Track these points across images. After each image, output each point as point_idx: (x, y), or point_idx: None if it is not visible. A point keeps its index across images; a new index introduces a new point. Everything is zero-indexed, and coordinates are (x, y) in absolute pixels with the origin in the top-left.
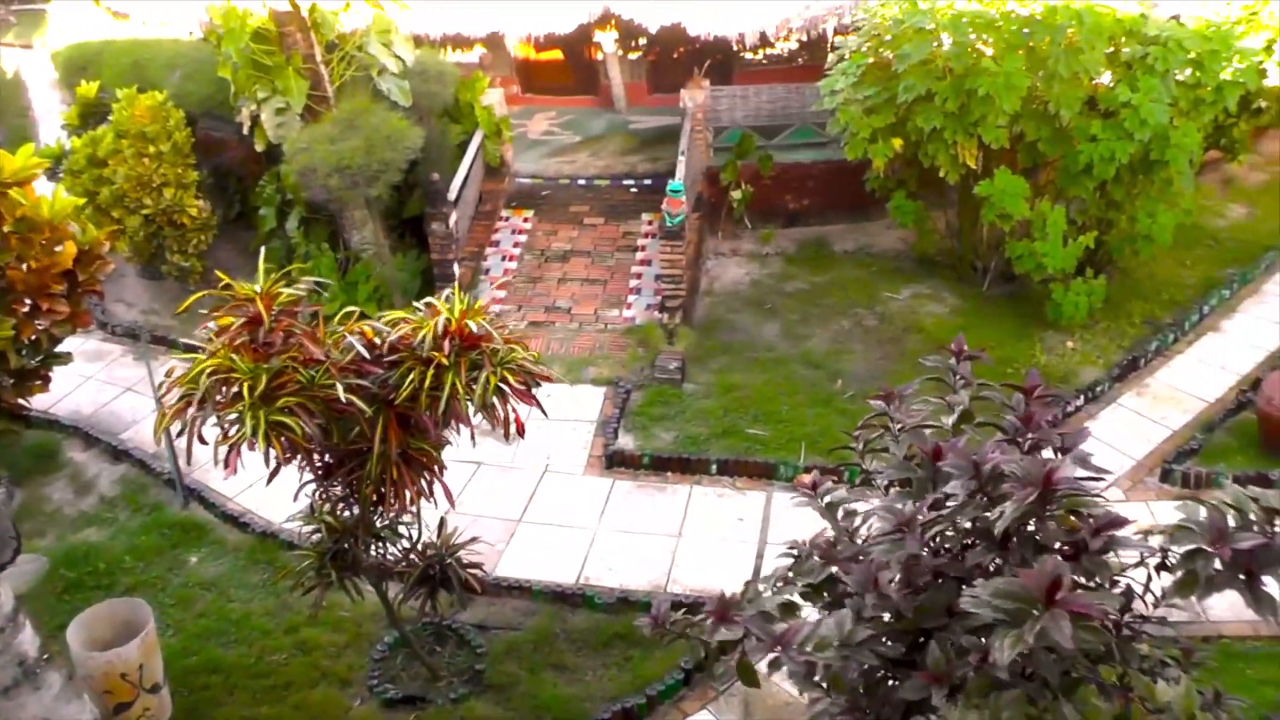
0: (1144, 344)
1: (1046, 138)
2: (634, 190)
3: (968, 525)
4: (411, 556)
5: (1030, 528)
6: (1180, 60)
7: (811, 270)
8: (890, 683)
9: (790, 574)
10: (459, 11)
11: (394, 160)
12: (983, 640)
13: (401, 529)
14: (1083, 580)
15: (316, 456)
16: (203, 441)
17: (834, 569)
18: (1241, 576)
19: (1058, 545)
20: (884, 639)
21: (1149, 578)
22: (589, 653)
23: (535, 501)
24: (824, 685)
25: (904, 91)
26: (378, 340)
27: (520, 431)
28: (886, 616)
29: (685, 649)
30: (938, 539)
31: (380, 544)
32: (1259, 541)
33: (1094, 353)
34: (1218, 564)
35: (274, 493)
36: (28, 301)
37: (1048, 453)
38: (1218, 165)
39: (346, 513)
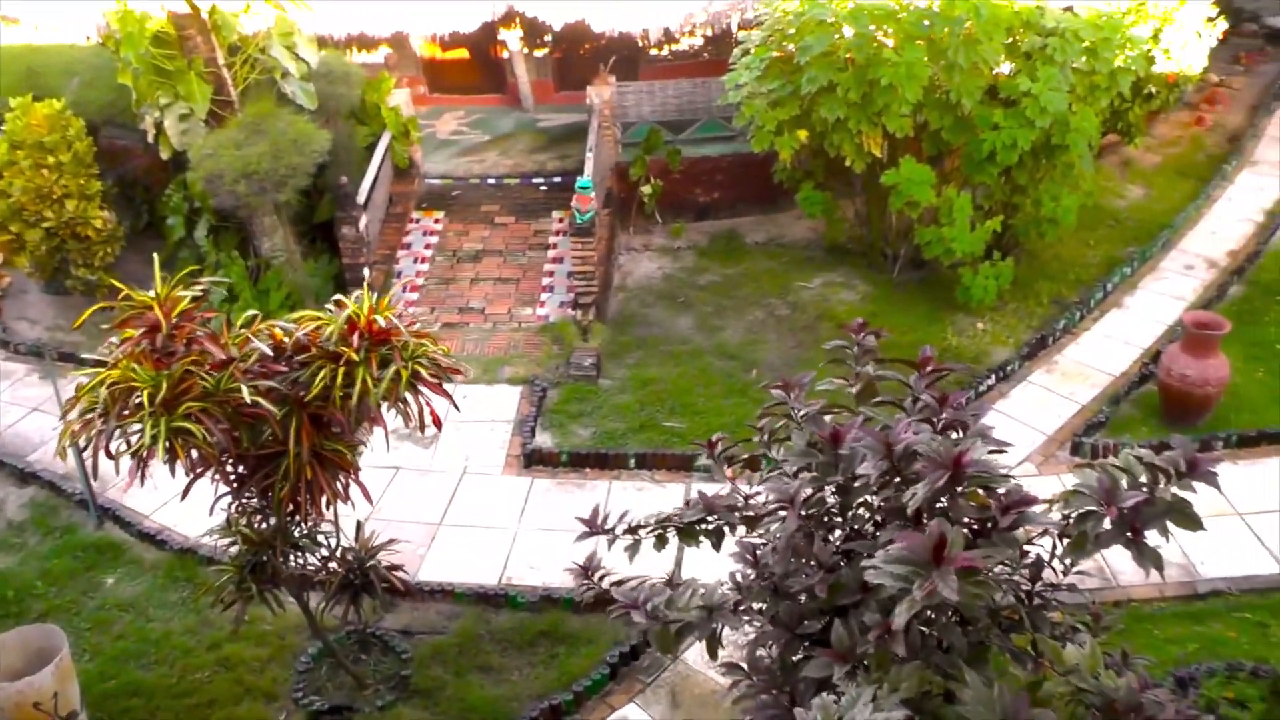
0: (1052, 323)
1: (950, 126)
2: (544, 188)
3: (880, 504)
4: (331, 564)
5: (944, 503)
6: (1076, 50)
7: (723, 262)
8: (807, 661)
9: (671, 516)
10: (362, 11)
11: (302, 164)
12: (885, 616)
13: (320, 537)
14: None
15: (230, 466)
16: (110, 456)
17: (715, 516)
18: (1127, 533)
19: (968, 521)
20: (801, 619)
21: (1054, 546)
22: (514, 652)
23: (455, 503)
24: (743, 667)
25: (807, 83)
26: (285, 340)
27: (436, 424)
28: (804, 597)
29: (610, 642)
30: (849, 516)
31: (299, 553)
32: (1141, 498)
33: (1004, 333)
34: (1106, 523)
35: (191, 508)
36: None
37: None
38: (1116, 148)
39: (264, 524)
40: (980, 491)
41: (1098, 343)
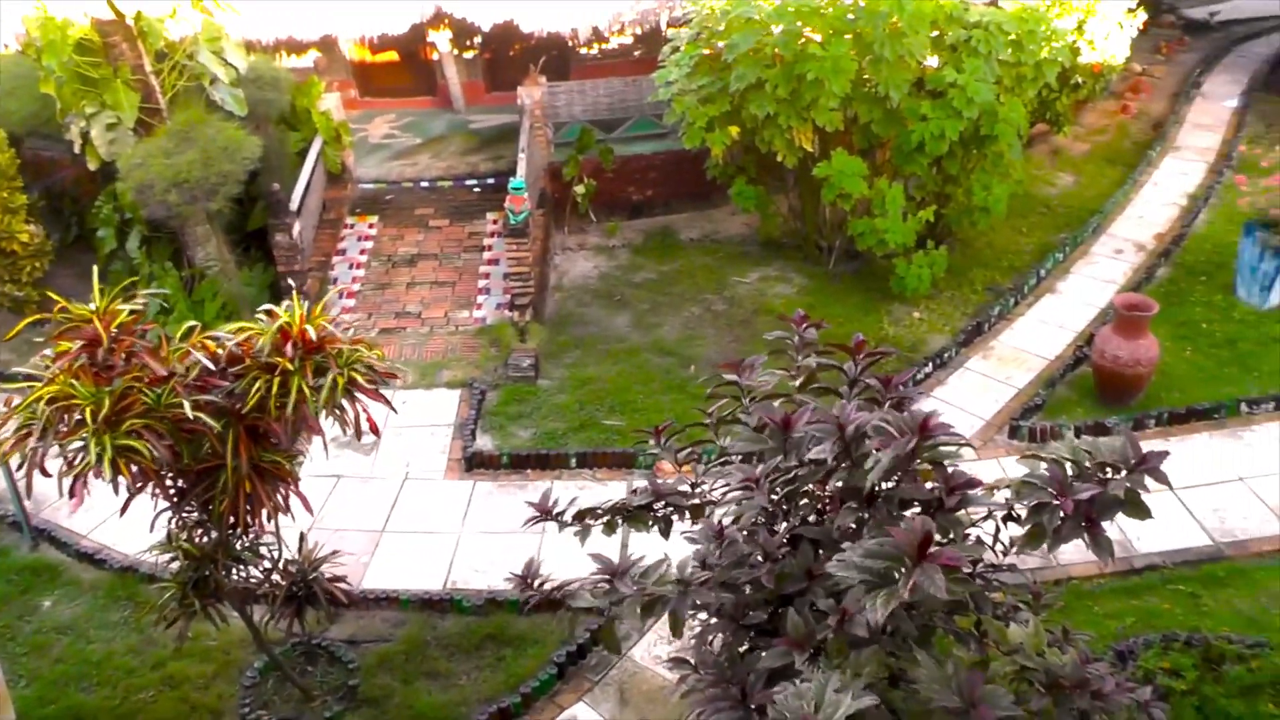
0: (987, 309)
1: (879, 119)
2: (477, 190)
3: (823, 489)
4: (274, 577)
5: (893, 485)
6: (1001, 42)
7: (659, 260)
8: (754, 653)
9: (619, 503)
10: (290, 15)
11: (233, 172)
12: (838, 603)
13: (263, 549)
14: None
15: (169, 480)
16: (45, 474)
17: (664, 503)
18: (1084, 524)
19: (916, 503)
20: (746, 609)
21: (997, 529)
22: (461, 657)
23: (397, 510)
24: (690, 661)
25: (736, 80)
26: (219, 351)
27: (374, 431)
28: (749, 589)
29: (557, 642)
30: (795, 505)
31: (242, 567)
32: (1096, 491)
33: (940, 321)
34: (1062, 515)
35: (129, 525)
36: None
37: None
38: (1045, 138)
39: (205, 538)
40: (930, 468)
41: (1032, 327)
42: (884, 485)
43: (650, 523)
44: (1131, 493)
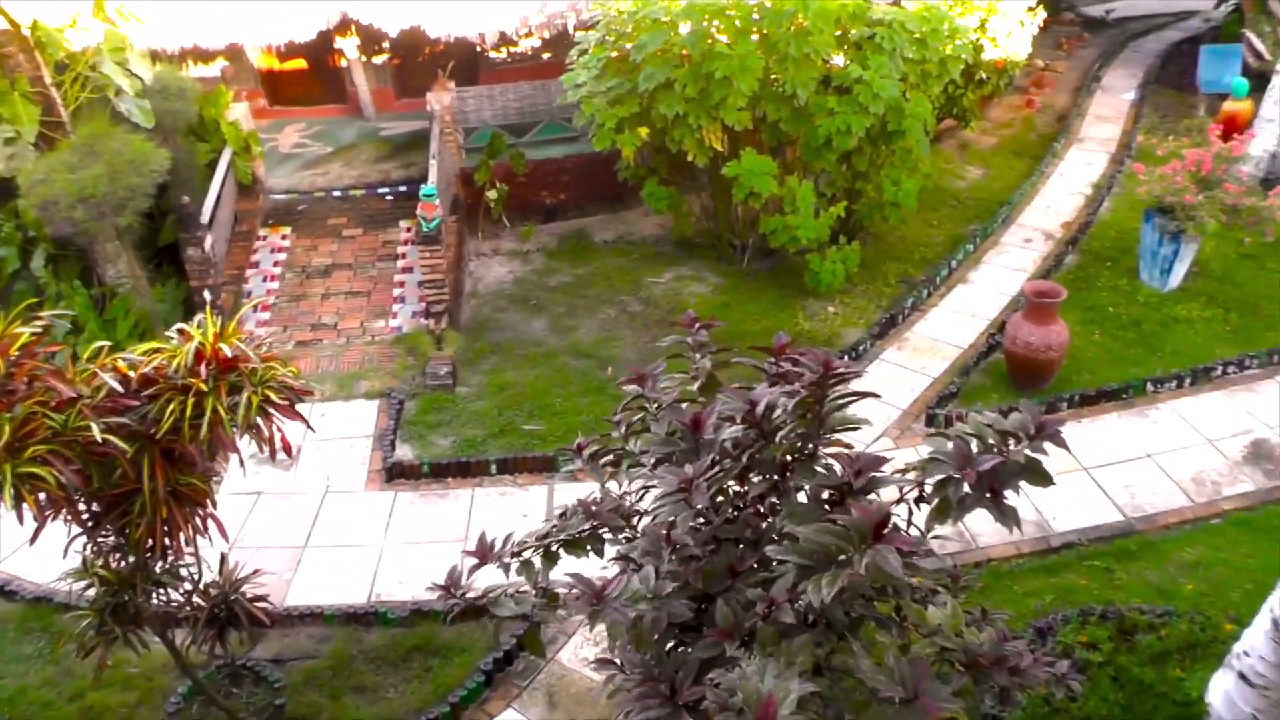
0: (901, 301)
1: (787, 117)
2: (390, 198)
3: (742, 484)
4: (195, 599)
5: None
6: (904, 39)
7: (574, 263)
8: (680, 649)
9: (553, 530)
10: (196, 23)
11: (141, 185)
12: (766, 592)
13: (183, 571)
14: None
15: (82, 506)
16: None
17: (596, 523)
18: (987, 495)
19: (825, 494)
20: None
21: (910, 512)
22: (389, 669)
23: (319, 525)
24: (616, 661)
25: (644, 81)
26: (130, 374)
27: (287, 450)
28: (672, 586)
29: (484, 649)
30: (714, 505)
31: (161, 590)
32: (997, 460)
33: (855, 315)
34: (966, 487)
35: (41, 553)
36: None
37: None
38: (953, 132)
39: (122, 563)
40: (839, 453)
41: (946, 317)
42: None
43: (586, 547)
44: (1032, 460)
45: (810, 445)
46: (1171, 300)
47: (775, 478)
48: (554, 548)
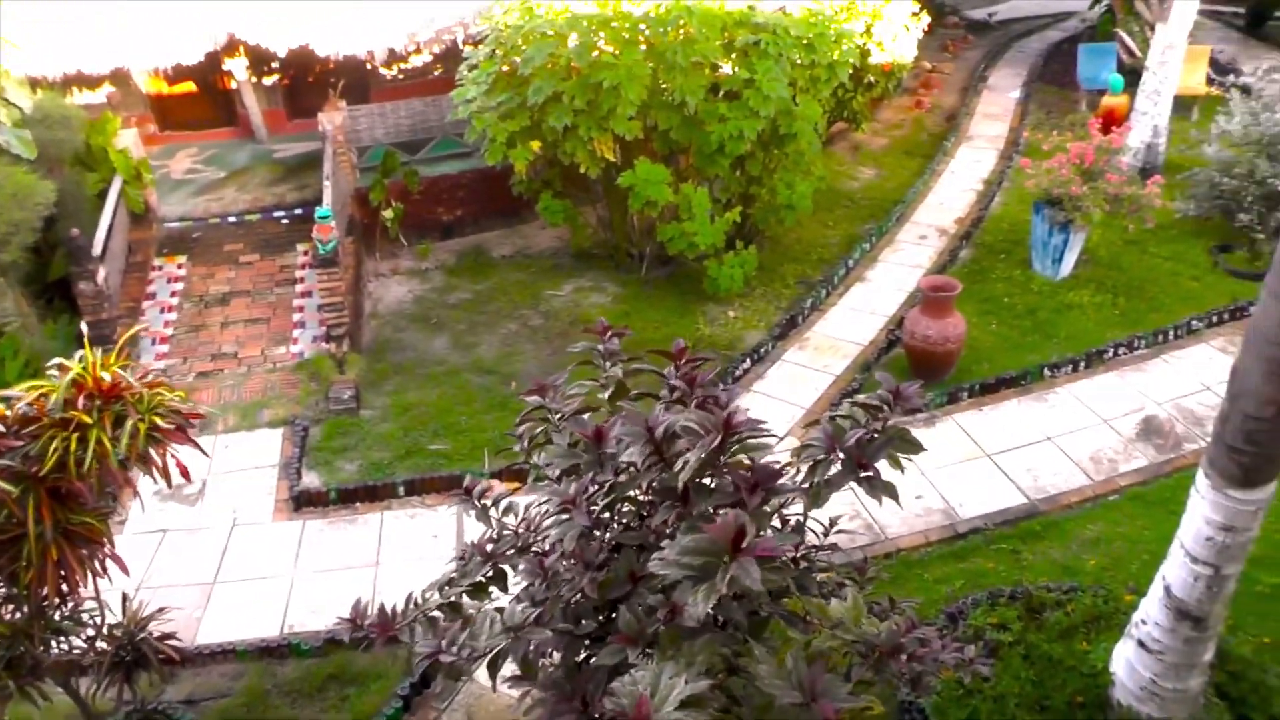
0: (800, 302)
1: (677, 125)
2: (285, 221)
3: (645, 492)
4: (99, 644)
5: (706, 480)
6: (791, 44)
7: (473, 279)
8: (591, 660)
9: (455, 576)
10: (77, 48)
11: (25, 220)
12: (667, 597)
13: (84, 616)
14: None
15: None
16: None
17: (494, 563)
18: (856, 470)
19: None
20: (577, 619)
21: (806, 511)
22: (305, 701)
23: (228, 558)
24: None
25: (534, 94)
26: (7, 414)
27: (184, 475)
28: (576, 597)
29: (400, 674)
30: (615, 512)
31: (62, 637)
32: (861, 434)
33: (755, 317)
34: (836, 466)
35: None
36: None
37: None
38: (845, 135)
39: (17, 613)
40: (744, 460)
41: (845, 316)
42: (699, 480)
43: (489, 587)
44: (899, 430)
45: (710, 474)
46: (1063, 288)
47: (678, 505)
48: (456, 597)
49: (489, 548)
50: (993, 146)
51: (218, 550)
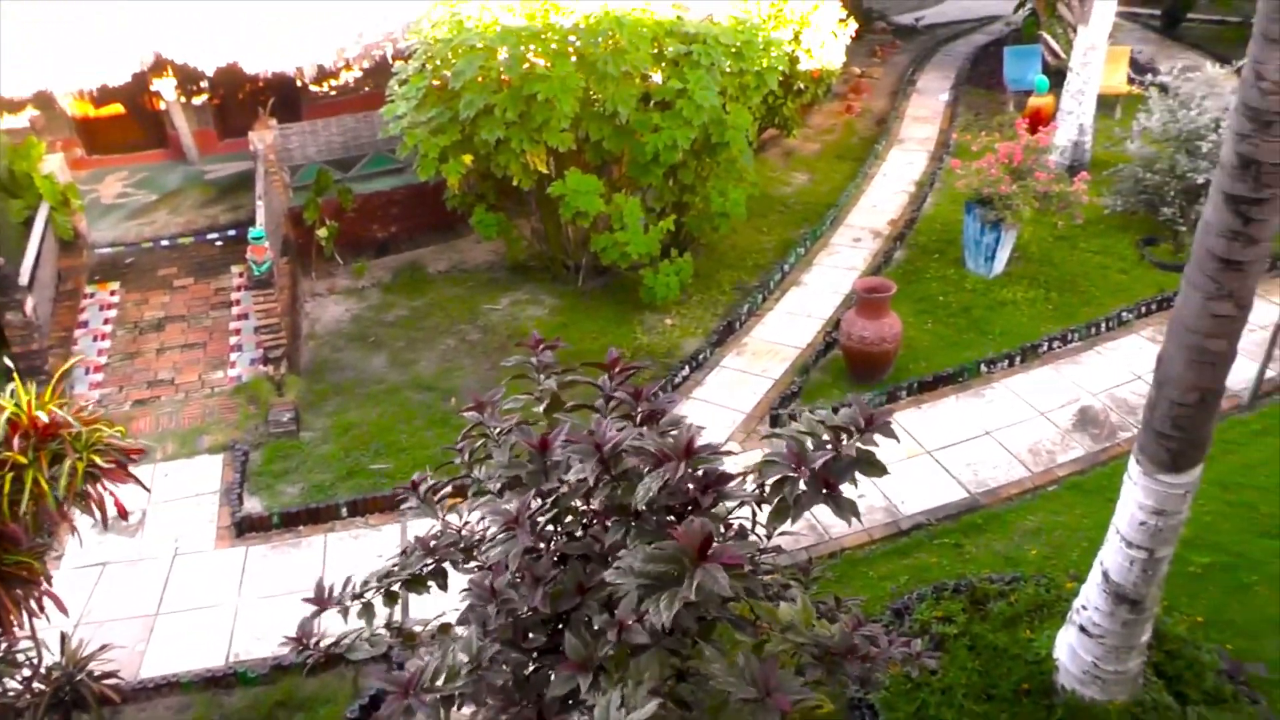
0: (737, 308)
1: (610, 135)
2: (219, 243)
3: (585, 501)
4: (35, 685)
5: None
6: (721, 53)
7: (409, 296)
8: (540, 672)
9: (395, 568)
10: None
11: None
12: (611, 615)
13: (20, 656)
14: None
15: None
16: None
17: (437, 559)
18: (823, 490)
19: (676, 506)
20: (526, 633)
21: (754, 514)
22: None
23: (170, 589)
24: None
25: (465, 108)
26: None
27: (123, 514)
28: (525, 610)
29: (349, 697)
30: (561, 526)
31: None
32: (829, 456)
33: (693, 324)
34: (802, 485)
35: None
36: None
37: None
38: (777, 141)
39: None
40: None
41: (782, 320)
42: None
43: (428, 583)
44: (864, 452)
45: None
46: (997, 285)
47: (630, 520)
48: (395, 586)
49: (432, 543)
50: (923, 148)
51: (160, 581)
